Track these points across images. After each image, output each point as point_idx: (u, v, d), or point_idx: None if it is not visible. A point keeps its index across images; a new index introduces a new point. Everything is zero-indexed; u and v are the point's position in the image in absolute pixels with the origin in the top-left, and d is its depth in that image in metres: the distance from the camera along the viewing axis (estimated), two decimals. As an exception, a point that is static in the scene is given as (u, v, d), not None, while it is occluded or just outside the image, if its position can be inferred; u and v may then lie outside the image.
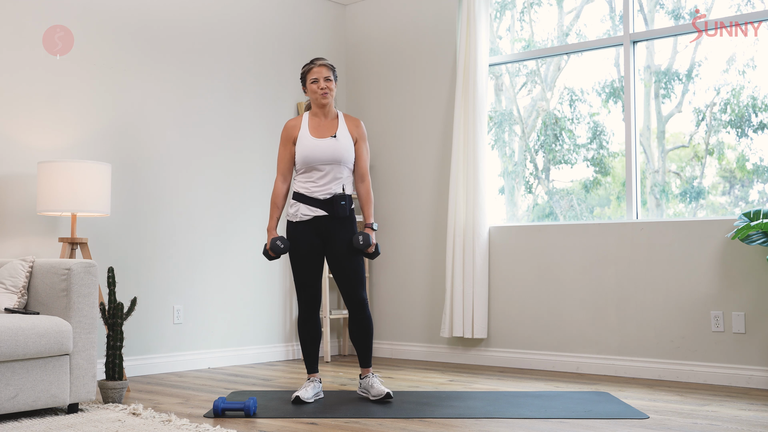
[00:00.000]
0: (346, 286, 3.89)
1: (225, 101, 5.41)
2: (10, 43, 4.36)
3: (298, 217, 3.85)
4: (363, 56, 6.11)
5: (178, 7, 5.16)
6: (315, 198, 3.83)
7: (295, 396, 3.77)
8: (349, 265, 3.87)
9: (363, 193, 4.00)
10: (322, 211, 3.83)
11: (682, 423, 3.31)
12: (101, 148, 4.71)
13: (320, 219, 3.84)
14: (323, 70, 3.87)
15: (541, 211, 5.49)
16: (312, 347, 3.92)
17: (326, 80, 3.87)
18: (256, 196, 5.52)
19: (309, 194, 3.84)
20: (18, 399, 3.28)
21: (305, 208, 3.84)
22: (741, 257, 4.39)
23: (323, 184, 3.84)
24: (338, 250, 3.86)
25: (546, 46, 5.45)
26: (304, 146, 3.84)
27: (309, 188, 3.85)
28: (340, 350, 6.01)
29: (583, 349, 4.93)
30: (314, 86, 3.87)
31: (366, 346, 3.93)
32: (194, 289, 5.15)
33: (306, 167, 3.85)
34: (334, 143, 3.86)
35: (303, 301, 3.90)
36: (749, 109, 4.69)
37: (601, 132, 5.25)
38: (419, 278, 5.71)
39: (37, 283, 3.65)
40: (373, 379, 3.89)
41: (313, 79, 3.88)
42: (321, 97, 3.87)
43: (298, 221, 3.85)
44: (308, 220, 3.84)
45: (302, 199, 3.85)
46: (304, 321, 3.92)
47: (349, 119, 3.98)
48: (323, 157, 3.82)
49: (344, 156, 3.86)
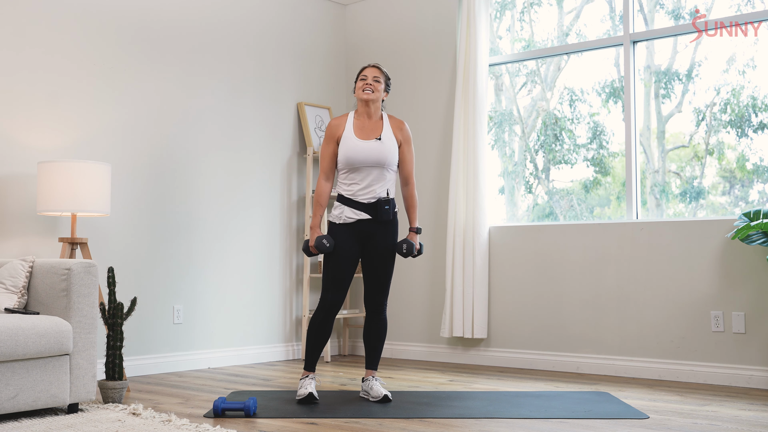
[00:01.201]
0: (373, 289, 3.90)
1: (225, 101, 5.41)
2: (10, 43, 4.36)
3: (342, 219, 3.83)
4: (363, 56, 6.11)
5: (178, 7, 5.16)
6: (359, 201, 3.82)
7: (309, 393, 3.74)
8: (384, 269, 3.89)
9: (408, 197, 4.00)
10: (366, 214, 3.82)
11: (682, 423, 3.31)
12: (101, 148, 4.70)
13: (363, 222, 3.82)
14: (374, 71, 3.89)
15: (541, 211, 5.49)
16: (320, 347, 3.91)
17: (374, 79, 3.87)
18: (256, 196, 5.52)
19: (353, 197, 3.82)
20: (18, 399, 3.28)
21: (349, 210, 3.82)
22: (741, 257, 4.39)
23: (366, 186, 3.82)
24: (377, 254, 3.87)
25: (546, 46, 5.45)
26: (348, 147, 3.82)
27: (353, 191, 3.83)
28: (340, 350, 6.01)
29: (583, 349, 4.93)
30: (361, 83, 3.88)
31: (377, 349, 3.94)
32: (194, 289, 5.15)
33: (349, 168, 3.83)
34: (379, 146, 3.83)
35: (328, 301, 3.83)
36: (749, 109, 4.69)
37: (601, 132, 5.25)
38: (419, 278, 5.71)
39: (37, 283, 3.65)
40: (374, 382, 3.89)
41: (362, 77, 3.89)
42: (362, 93, 3.86)
43: (342, 223, 3.83)
44: (351, 223, 3.82)
45: (346, 202, 3.83)
46: (322, 321, 3.85)
47: (393, 121, 3.96)
48: (367, 159, 3.81)
49: (388, 159, 3.84)
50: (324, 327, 3.86)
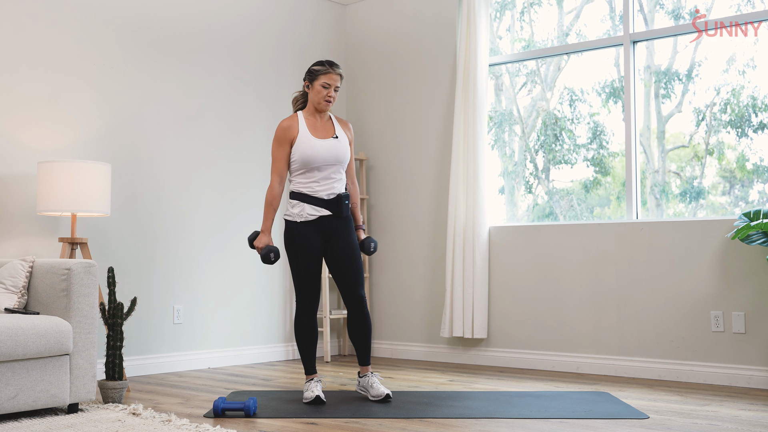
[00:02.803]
0: (346, 285, 3.89)
1: (225, 101, 5.41)
2: (11, 42, 4.36)
3: (303, 217, 3.82)
4: (363, 56, 6.11)
5: (178, 7, 5.16)
6: (319, 198, 3.82)
7: (315, 396, 3.74)
8: (351, 263, 3.88)
9: (355, 195, 4.04)
10: (327, 210, 3.82)
11: (682, 423, 3.31)
12: (101, 148, 4.70)
13: (324, 218, 3.83)
14: (338, 80, 3.86)
15: (541, 211, 5.49)
16: (313, 347, 3.90)
17: (335, 90, 3.86)
18: (256, 196, 5.52)
19: (313, 194, 3.82)
20: (18, 399, 3.28)
21: (310, 207, 3.82)
22: (741, 257, 4.39)
23: (326, 183, 3.83)
24: (340, 249, 3.87)
25: (546, 46, 5.45)
26: (308, 146, 3.81)
27: (312, 188, 3.82)
28: (340, 350, 6.01)
29: (583, 349, 4.93)
30: (324, 91, 3.84)
31: (365, 345, 3.93)
32: (194, 289, 5.15)
33: (307, 168, 3.82)
34: (336, 143, 3.87)
35: (307, 301, 3.86)
36: (749, 109, 4.69)
37: (601, 132, 5.24)
38: (419, 278, 5.71)
39: (37, 283, 3.65)
40: (373, 379, 3.88)
41: (326, 84, 3.84)
42: (324, 104, 3.86)
43: (303, 221, 3.84)
44: (313, 221, 3.83)
45: (305, 199, 3.82)
46: (306, 322, 3.88)
47: (340, 121, 4.00)
48: (327, 158, 3.82)
49: (345, 156, 3.89)
50: (310, 327, 3.88)
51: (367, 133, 6.04)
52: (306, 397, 3.78)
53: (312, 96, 3.88)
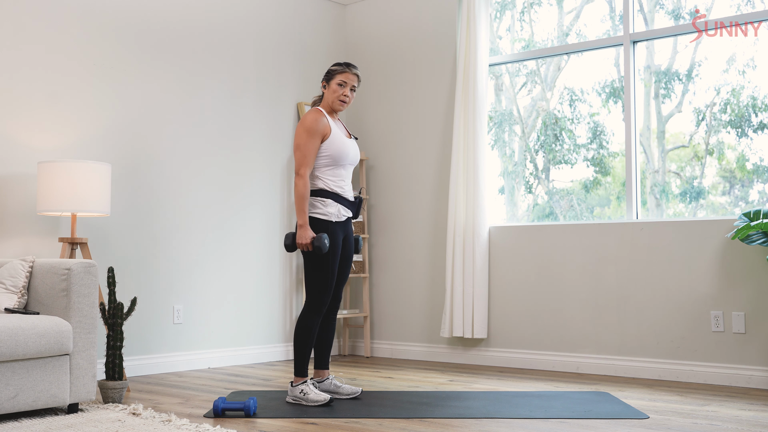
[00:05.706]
0: (340, 285, 3.94)
1: (225, 101, 5.41)
2: (10, 42, 4.36)
3: (338, 216, 3.78)
4: (363, 56, 6.11)
5: (179, 7, 5.16)
6: (347, 198, 3.83)
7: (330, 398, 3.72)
8: (349, 266, 3.97)
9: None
10: (350, 212, 3.87)
11: (682, 423, 3.31)
12: (101, 148, 4.70)
13: (347, 220, 3.87)
14: (354, 79, 3.84)
15: (541, 211, 5.49)
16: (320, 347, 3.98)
17: (352, 90, 3.85)
18: (256, 196, 5.52)
19: (343, 194, 3.80)
20: (18, 399, 3.28)
21: (343, 208, 3.81)
22: (741, 257, 4.39)
23: (347, 183, 3.85)
24: (348, 251, 3.91)
25: (546, 46, 5.45)
26: (341, 143, 3.78)
27: (342, 187, 3.81)
28: (340, 350, 6.01)
29: (583, 349, 4.93)
30: (339, 89, 3.81)
31: (330, 348, 4.00)
32: (194, 289, 5.15)
33: (336, 164, 3.77)
34: (356, 145, 3.92)
35: (327, 302, 3.81)
36: (749, 109, 4.69)
37: (601, 132, 5.25)
38: (419, 278, 5.71)
39: (37, 283, 3.65)
40: (336, 381, 3.94)
41: (342, 82, 3.81)
42: (339, 104, 3.83)
43: (336, 221, 3.78)
44: (343, 221, 3.83)
45: (338, 199, 3.79)
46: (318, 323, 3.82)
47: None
48: (353, 158, 3.85)
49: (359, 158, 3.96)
50: (317, 328, 3.84)
51: (367, 133, 6.04)
52: (316, 400, 3.70)
53: (328, 95, 3.85)
